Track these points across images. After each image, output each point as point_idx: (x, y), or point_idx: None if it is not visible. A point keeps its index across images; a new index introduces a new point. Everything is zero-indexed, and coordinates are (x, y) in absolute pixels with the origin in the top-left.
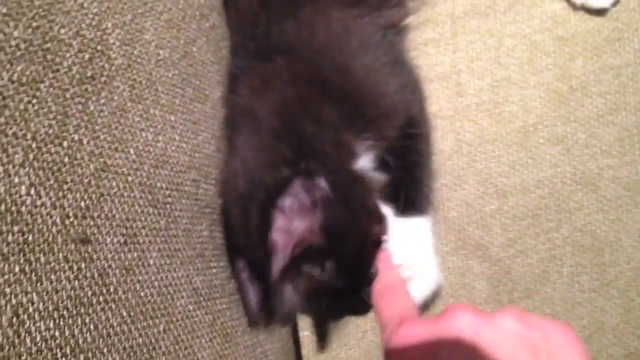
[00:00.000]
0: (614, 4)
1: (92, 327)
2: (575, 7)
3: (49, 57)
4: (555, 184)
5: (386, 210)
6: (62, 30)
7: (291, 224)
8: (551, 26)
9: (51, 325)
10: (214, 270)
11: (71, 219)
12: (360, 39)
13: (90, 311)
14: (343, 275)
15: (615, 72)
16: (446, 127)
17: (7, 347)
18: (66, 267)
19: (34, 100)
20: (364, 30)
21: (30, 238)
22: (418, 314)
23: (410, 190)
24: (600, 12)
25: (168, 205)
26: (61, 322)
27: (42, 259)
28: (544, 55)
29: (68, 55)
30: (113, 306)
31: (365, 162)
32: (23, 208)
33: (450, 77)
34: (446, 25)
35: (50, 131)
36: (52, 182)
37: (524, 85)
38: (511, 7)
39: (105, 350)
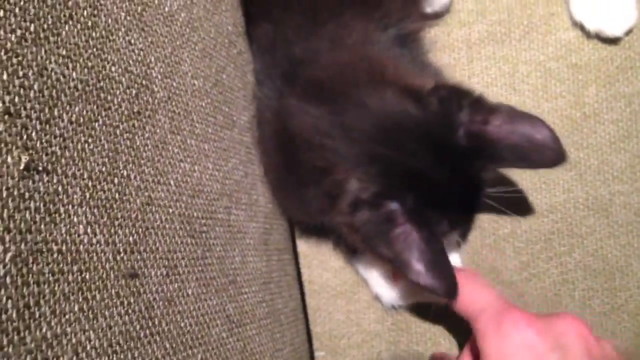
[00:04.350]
0: (627, 33)
1: None
2: (589, 36)
3: (102, 95)
4: (567, 209)
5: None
6: (113, 68)
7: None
8: (565, 54)
9: None
10: (245, 296)
11: (121, 255)
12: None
13: (139, 345)
14: None
15: (627, 99)
16: None
17: None
18: (118, 303)
19: (90, 140)
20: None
21: (87, 276)
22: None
23: None
24: (613, 41)
25: (204, 234)
26: (114, 359)
27: (98, 297)
28: (558, 82)
29: (118, 92)
30: (157, 339)
31: None
32: (81, 247)
33: None
34: (462, 51)
35: (104, 169)
36: (105, 219)
37: (537, 111)
38: (526, 34)
39: None
